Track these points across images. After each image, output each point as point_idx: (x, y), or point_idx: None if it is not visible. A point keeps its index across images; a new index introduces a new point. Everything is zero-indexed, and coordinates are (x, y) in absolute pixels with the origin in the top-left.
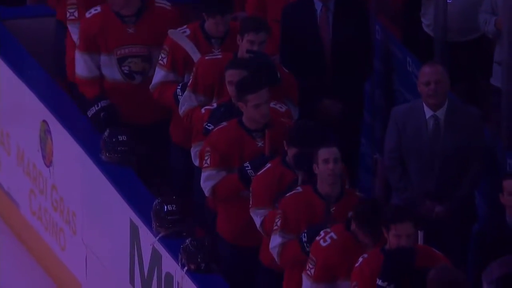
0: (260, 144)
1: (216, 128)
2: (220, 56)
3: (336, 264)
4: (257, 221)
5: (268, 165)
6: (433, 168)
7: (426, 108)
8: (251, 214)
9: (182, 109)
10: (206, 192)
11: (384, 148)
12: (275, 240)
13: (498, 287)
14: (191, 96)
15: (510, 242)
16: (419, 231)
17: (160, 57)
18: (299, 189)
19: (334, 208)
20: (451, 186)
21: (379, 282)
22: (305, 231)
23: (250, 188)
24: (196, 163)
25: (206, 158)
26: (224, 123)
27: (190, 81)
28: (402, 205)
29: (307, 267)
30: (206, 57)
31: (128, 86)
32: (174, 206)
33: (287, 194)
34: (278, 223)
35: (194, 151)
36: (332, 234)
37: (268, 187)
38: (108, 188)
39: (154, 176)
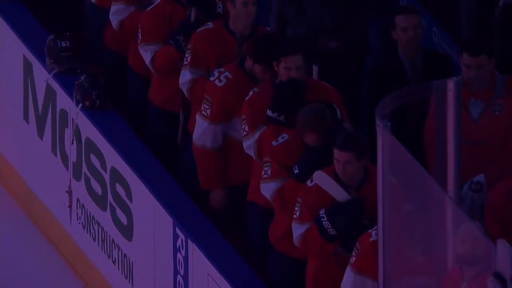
0: None
1: None
2: None
3: (232, 103)
4: (147, 56)
5: (158, 0)
6: (328, 3)
7: None
8: (140, 50)
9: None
10: (114, 25)
11: None
12: (185, 76)
13: (390, 120)
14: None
15: (401, 76)
16: (313, 65)
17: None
18: (210, 25)
19: (245, 45)
20: (346, 21)
21: (269, 113)
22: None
23: (139, 25)
24: None
25: None
26: None
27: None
28: (293, 38)
29: (202, 108)
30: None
31: None
32: (68, 42)
33: (198, 30)
34: (188, 59)
35: None
36: (227, 73)
37: (157, 23)
38: (1, 23)
39: None
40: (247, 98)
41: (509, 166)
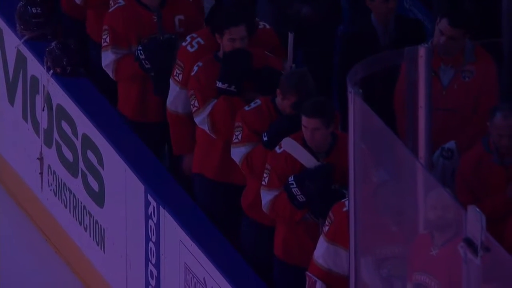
0: None
1: None
2: None
3: None
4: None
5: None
6: None
7: None
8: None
9: None
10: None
11: None
12: (108, 57)
13: (361, 87)
14: None
15: (374, 42)
16: (289, 33)
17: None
18: (121, 2)
19: (162, 14)
20: None
21: (219, 84)
22: (140, 47)
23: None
24: None
25: None
26: None
27: None
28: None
29: (175, 73)
30: None
31: None
32: (39, 8)
33: (110, 10)
34: (107, 40)
35: None
36: (199, 39)
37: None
38: None
39: None
40: (193, 73)
41: (479, 132)
